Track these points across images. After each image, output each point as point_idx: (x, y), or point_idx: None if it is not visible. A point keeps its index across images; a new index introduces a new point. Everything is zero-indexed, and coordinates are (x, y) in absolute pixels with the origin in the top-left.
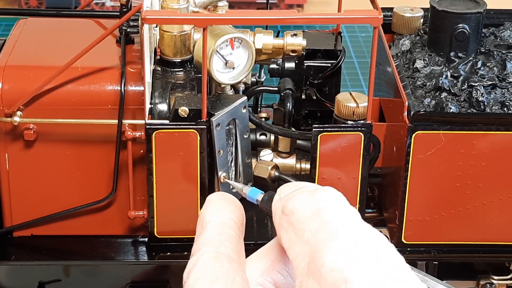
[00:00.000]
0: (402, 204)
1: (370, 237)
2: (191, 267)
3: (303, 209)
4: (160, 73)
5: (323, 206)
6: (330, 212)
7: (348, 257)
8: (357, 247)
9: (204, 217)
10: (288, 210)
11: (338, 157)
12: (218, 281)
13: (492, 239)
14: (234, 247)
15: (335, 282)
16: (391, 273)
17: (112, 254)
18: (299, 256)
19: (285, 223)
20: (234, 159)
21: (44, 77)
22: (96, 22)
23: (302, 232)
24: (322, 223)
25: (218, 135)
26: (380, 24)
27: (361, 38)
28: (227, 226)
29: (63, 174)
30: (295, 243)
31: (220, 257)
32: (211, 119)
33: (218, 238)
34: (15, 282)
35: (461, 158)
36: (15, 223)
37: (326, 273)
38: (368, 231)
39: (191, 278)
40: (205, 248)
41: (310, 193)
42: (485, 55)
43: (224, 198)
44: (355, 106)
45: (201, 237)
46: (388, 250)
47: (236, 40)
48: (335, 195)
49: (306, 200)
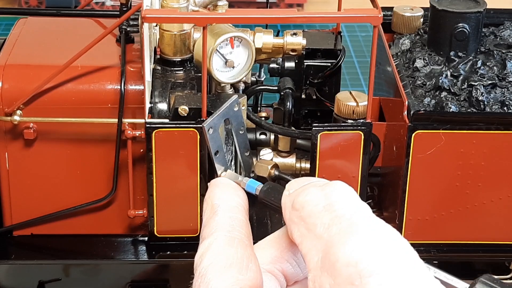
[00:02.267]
0: (402, 203)
1: (384, 232)
2: (204, 251)
3: (314, 204)
4: (160, 72)
5: (334, 201)
6: (342, 206)
7: (363, 252)
8: (372, 242)
9: (213, 201)
10: (298, 205)
11: (338, 156)
12: (233, 267)
13: (492, 239)
14: (246, 232)
15: (349, 276)
16: (406, 269)
17: (112, 253)
18: (311, 251)
19: (295, 218)
20: (234, 157)
21: (44, 76)
22: (96, 22)
23: (314, 227)
24: (335, 218)
25: (212, 138)
26: (380, 23)
27: (361, 37)
28: (237, 211)
29: (63, 173)
30: (307, 238)
31: (234, 242)
32: (202, 124)
33: (230, 223)
34: (15, 282)
35: (461, 157)
36: (15, 222)
37: (341, 268)
38: (381, 226)
39: (204, 262)
40: (218, 232)
41: (320, 188)
42: (485, 54)
43: (229, 182)
44: (355, 105)
45: (212, 221)
46: (403, 246)
47: (236, 39)
48: (346, 190)
49: (316, 194)
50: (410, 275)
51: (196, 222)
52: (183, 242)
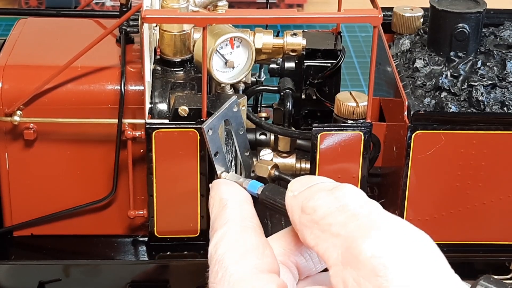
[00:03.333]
0: (402, 204)
1: (403, 226)
2: (218, 240)
3: (327, 207)
4: (160, 72)
5: (347, 203)
6: (355, 206)
7: (387, 244)
8: (394, 236)
9: (222, 196)
10: (309, 209)
11: (338, 156)
12: (249, 253)
13: (492, 239)
14: (257, 222)
15: (374, 268)
16: (428, 261)
17: (112, 254)
18: (329, 249)
19: (307, 222)
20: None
21: (44, 77)
22: (96, 22)
23: (329, 227)
24: (351, 216)
25: (212, 139)
26: (380, 23)
27: (361, 38)
28: (246, 203)
29: (63, 174)
30: (322, 238)
31: (248, 230)
32: (202, 126)
33: (241, 214)
34: (15, 282)
35: (461, 157)
36: (15, 223)
37: (366, 259)
38: (399, 221)
39: (220, 249)
40: (231, 222)
41: (330, 192)
42: (485, 54)
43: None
44: (355, 105)
45: (223, 213)
46: (424, 240)
47: (236, 40)
48: (356, 191)
49: (327, 198)
50: (432, 267)
51: (196, 223)
52: (183, 243)
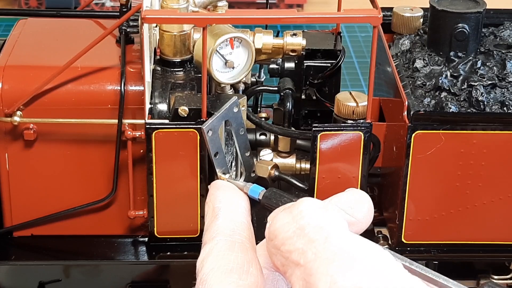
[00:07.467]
0: (402, 203)
1: (360, 251)
2: (205, 256)
3: (285, 230)
4: (160, 73)
5: (303, 224)
6: (312, 228)
7: (344, 282)
8: (350, 269)
9: (215, 204)
10: (271, 234)
11: (338, 156)
12: (233, 272)
13: (492, 239)
14: (247, 235)
15: None
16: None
17: (112, 254)
18: (292, 277)
19: (272, 249)
20: (234, 158)
21: (44, 77)
22: (96, 22)
23: (290, 254)
24: (308, 243)
25: (211, 140)
26: (380, 23)
27: (361, 38)
28: (239, 214)
29: (63, 174)
30: (287, 265)
31: (235, 247)
32: (201, 126)
33: (231, 226)
34: (15, 282)
35: (461, 157)
36: (15, 223)
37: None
38: (357, 243)
39: (205, 267)
40: (219, 237)
41: (288, 211)
42: (485, 54)
43: (229, 184)
44: (355, 105)
45: (213, 225)
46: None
47: (236, 40)
48: (312, 207)
49: (285, 219)
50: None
51: (196, 223)
52: (183, 243)
